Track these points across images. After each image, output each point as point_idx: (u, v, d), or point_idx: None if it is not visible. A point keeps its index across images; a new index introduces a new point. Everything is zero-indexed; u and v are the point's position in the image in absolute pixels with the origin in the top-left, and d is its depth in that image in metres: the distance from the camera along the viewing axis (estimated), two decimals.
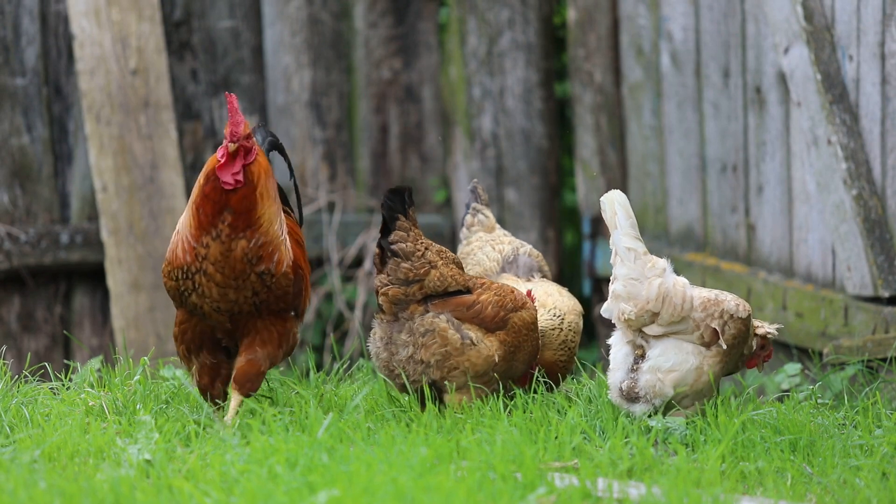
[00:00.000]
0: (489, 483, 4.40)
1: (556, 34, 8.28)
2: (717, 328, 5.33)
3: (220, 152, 5.07)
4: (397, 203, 5.30)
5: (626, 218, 5.35)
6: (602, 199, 5.38)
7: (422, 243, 5.34)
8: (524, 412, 5.22)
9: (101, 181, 7.53)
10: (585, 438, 5.01)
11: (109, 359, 7.15)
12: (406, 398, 5.37)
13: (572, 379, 5.89)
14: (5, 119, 7.56)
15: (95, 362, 6.45)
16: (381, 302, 5.33)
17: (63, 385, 5.54)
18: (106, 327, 7.74)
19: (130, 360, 5.68)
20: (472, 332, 5.33)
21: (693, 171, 7.55)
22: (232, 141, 5.04)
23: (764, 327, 5.55)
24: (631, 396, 5.34)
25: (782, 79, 6.91)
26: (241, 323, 5.18)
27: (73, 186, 7.68)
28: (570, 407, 5.28)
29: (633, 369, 5.36)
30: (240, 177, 5.07)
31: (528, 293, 5.61)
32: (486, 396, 5.34)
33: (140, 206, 7.62)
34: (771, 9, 6.79)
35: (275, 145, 5.43)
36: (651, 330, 5.33)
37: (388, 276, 5.31)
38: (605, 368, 6.16)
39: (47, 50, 7.63)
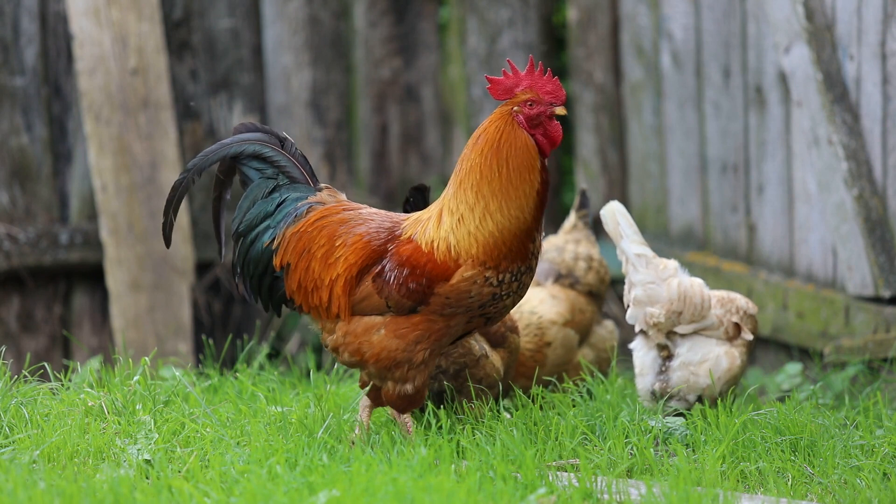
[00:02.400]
0: (489, 483, 4.40)
1: (557, 34, 8.27)
2: (737, 322, 5.40)
3: (553, 126, 4.55)
4: (420, 201, 5.33)
5: (630, 226, 5.40)
6: (602, 211, 5.42)
7: None
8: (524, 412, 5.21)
9: (101, 181, 7.51)
10: (585, 439, 5.00)
11: (109, 359, 7.14)
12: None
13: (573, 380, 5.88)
14: (4, 119, 7.55)
15: (95, 362, 6.45)
16: None
17: (62, 385, 5.53)
18: (105, 327, 7.73)
19: (130, 360, 5.67)
20: (486, 345, 5.36)
21: (694, 170, 7.55)
22: (563, 104, 4.58)
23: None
24: (663, 397, 5.38)
25: (783, 78, 6.90)
26: None
27: (72, 186, 7.67)
28: (571, 406, 5.27)
29: (662, 370, 5.39)
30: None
31: None
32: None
33: (140, 205, 7.61)
34: (771, 8, 6.79)
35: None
36: (681, 329, 5.37)
37: None
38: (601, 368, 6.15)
39: (46, 50, 7.62)
